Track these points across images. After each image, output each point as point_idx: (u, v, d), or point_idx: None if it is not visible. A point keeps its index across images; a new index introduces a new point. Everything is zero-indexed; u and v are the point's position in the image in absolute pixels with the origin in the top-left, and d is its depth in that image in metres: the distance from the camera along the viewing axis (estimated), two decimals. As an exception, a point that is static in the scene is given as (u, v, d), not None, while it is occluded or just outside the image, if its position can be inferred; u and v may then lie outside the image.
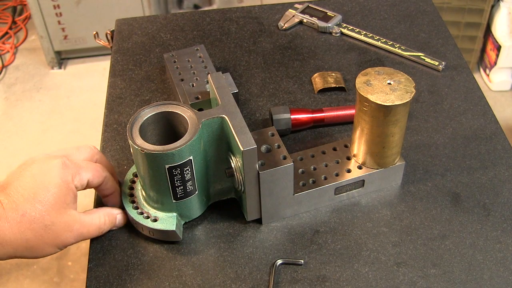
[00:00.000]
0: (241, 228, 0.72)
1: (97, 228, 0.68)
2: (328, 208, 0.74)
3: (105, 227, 0.69)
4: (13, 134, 2.08)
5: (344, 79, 0.92)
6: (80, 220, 0.65)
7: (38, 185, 0.61)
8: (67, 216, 0.63)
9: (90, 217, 0.67)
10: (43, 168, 0.63)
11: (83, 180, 0.65)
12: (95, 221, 0.67)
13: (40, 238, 0.61)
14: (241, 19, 1.06)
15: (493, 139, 0.82)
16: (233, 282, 0.67)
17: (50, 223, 0.62)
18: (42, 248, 0.62)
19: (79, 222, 0.65)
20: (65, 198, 0.63)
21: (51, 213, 0.61)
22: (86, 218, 0.66)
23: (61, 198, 0.62)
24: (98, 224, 0.68)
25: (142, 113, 0.67)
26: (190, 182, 0.67)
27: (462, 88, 0.90)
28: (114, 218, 0.70)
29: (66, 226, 0.63)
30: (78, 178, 0.65)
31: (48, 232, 0.62)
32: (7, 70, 2.37)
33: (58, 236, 0.63)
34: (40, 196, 0.61)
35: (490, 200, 0.74)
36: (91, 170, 0.66)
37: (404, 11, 1.06)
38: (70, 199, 0.64)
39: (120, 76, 0.95)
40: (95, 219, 0.68)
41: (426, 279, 0.66)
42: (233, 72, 0.95)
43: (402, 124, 0.68)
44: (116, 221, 0.71)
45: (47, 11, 2.14)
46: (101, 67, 2.31)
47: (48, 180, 0.62)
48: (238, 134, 0.64)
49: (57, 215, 0.62)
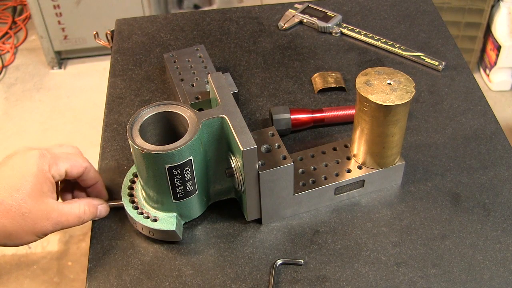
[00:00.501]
0: (241, 228, 0.72)
1: (77, 217, 0.68)
2: (328, 208, 0.74)
3: (85, 216, 0.69)
4: (13, 134, 2.08)
5: (344, 79, 0.92)
6: (58, 209, 0.66)
7: (16, 174, 0.63)
8: (44, 204, 0.64)
9: (69, 206, 0.68)
10: (22, 158, 0.65)
11: (61, 170, 0.67)
12: (74, 210, 0.68)
13: (18, 226, 0.63)
14: (241, 19, 1.06)
15: (493, 139, 0.82)
16: (233, 282, 0.67)
17: (27, 211, 0.63)
18: (21, 236, 0.64)
19: (57, 210, 0.66)
20: (42, 187, 0.64)
21: (27, 201, 0.63)
22: (65, 207, 0.67)
23: (38, 186, 0.64)
24: (77, 213, 0.68)
25: (142, 113, 0.67)
26: (190, 182, 0.67)
27: (462, 88, 0.90)
28: (95, 208, 0.70)
29: (44, 214, 0.64)
30: (55, 168, 0.66)
31: (25, 219, 0.63)
32: (7, 70, 2.37)
33: (35, 224, 0.64)
34: (17, 185, 0.63)
35: (490, 200, 0.74)
36: (69, 160, 0.68)
37: (404, 11, 1.06)
38: (48, 188, 0.65)
39: (120, 76, 0.95)
40: (74, 208, 0.68)
41: (426, 279, 0.66)
42: (233, 72, 0.95)
43: (402, 124, 0.68)
44: (97, 211, 0.71)
45: (47, 11, 2.14)
46: (101, 67, 2.31)
47: (25, 170, 0.64)
48: (238, 134, 0.64)
49: (34, 203, 0.63)
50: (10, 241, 0.64)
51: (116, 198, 0.75)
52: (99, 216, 0.72)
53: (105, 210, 0.72)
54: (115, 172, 0.79)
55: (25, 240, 0.65)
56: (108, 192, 0.75)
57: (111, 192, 0.76)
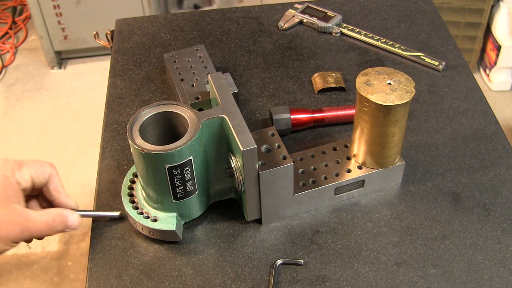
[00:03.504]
0: (241, 228, 0.72)
1: (46, 224, 0.66)
2: (328, 208, 0.74)
3: (55, 224, 0.67)
4: (13, 134, 2.08)
5: (344, 79, 0.92)
6: (25, 215, 0.65)
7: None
8: (10, 209, 0.63)
9: (38, 213, 0.66)
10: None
11: (25, 175, 0.66)
12: (42, 217, 0.66)
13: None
14: (241, 19, 1.06)
15: (493, 139, 0.82)
16: (233, 282, 0.67)
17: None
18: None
19: (24, 216, 0.64)
20: (5, 192, 0.63)
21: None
22: (33, 214, 0.66)
23: (2, 191, 0.63)
24: (45, 220, 0.66)
25: (142, 113, 0.67)
26: (190, 182, 0.67)
27: (462, 88, 0.91)
28: (65, 218, 0.68)
29: (9, 219, 0.63)
30: (19, 173, 0.66)
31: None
32: (7, 70, 2.36)
33: (1, 230, 0.62)
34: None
35: (490, 200, 0.74)
36: (33, 166, 0.67)
37: (404, 11, 1.06)
38: (12, 193, 0.64)
39: (120, 76, 0.95)
40: (43, 216, 0.66)
41: (426, 279, 0.66)
42: (233, 72, 0.95)
43: (402, 124, 0.68)
44: (68, 221, 0.68)
45: (47, 11, 2.14)
46: (101, 67, 2.31)
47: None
48: (238, 134, 0.64)
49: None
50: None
51: (116, 198, 0.75)
52: (71, 227, 0.69)
53: (77, 221, 0.69)
54: (115, 172, 0.79)
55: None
56: (108, 192, 0.74)
57: (112, 192, 0.76)
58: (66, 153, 1.95)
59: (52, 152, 1.96)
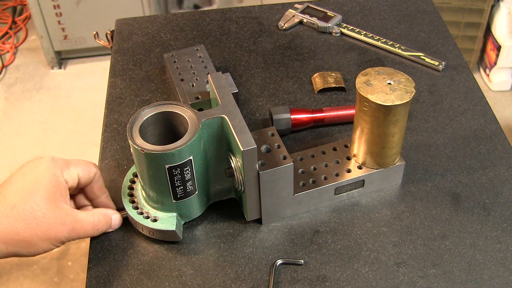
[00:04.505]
0: (241, 228, 0.72)
1: (92, 225, 0.67)
2: (328, 208, 0.74)
3: (100, 225, 0.69)
4: (13, 134, 2.08)
5: (344, 79, 0.92)
6: (73, 214, 0.65)
7: (28, 180, 0.63)
8: (58, 209, 0.63)
9: (84, 213, 0.67)
10: (33, 164, 0.65)
11: (73, 174, 0.66)
12: (89, 218, 0.67)
13: (32, 231, 0.61)
14: (241, 19, 1.06)
15: (493, 139, 0.82)
16: (233, 282, 0.67)
17: (41, 214, 0.62)
18: (35, 243, 0.62)
19: (72, 216, 0.65)
20: (55, 191, 0.63)
21: (41, 205, 0.62)
22: (80, 214, 0.66)
23: (51, 190, 0.63)
24: (92, 221, 0.67)
25: (142, 113, 0.67)
26: (190, 182, 0.67)
27: (462, 88, 0.90)
28: (109, 219, 0.70)
29: (58, 219, 0.63)
30: (67, 172, 0.66)
31: (39, 224, 0.62)
32: (7, 70, 2.37)
33: (50, 229, 0.62)
34: (30, 189, 0.62)
35: (490, 200, 0.74)
36: (80, 165, 0.68)
37: (404, 11, 1.06)
38: (61, 193, 0.64)
39: (120, 76, 0.95)
40: (89, 216, 0.67)
41: (426, 279, 0.66)
42: (233, 72, 0.95)
43: (402, 124, 0.68)
44: (111, 222, 0.70)
45: (47, 11, 2.14)
46: (101, 67, 2.31)
47: (37, 174, 0.63)
48: (238, 134, 0.64)
49: (48, 207, 0.62)
50: (24, 248, 0.62)
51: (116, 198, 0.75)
52: (113, 227, 0.71)
53: (119, 221, 0.71)
54: (115, 172, 0.79)
55: (40, 248, 0.63)
56: (108, 192, 0.74)
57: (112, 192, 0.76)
58: (66, 153, 1.95)
59: (52, 152, 1.96)
